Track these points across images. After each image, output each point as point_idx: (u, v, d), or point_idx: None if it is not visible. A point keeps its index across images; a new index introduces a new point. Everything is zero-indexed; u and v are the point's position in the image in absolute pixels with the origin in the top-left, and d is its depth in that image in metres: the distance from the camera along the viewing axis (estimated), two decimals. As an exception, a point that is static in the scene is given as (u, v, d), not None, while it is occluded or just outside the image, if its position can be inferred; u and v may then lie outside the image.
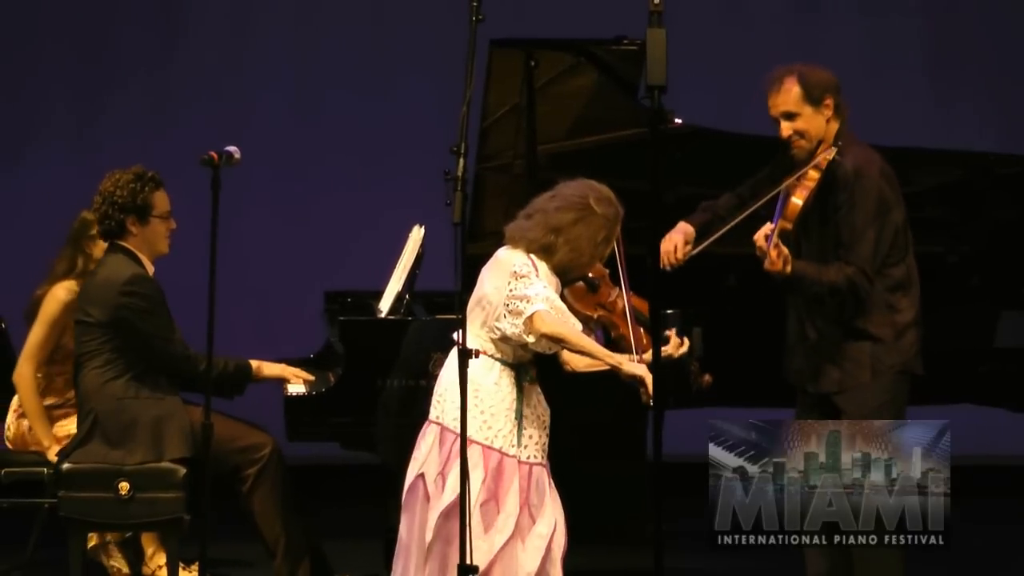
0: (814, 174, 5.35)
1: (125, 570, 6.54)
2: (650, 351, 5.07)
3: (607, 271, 5.29)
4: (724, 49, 9.35)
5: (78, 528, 5.75)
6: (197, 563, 5.89)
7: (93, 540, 6.38)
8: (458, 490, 4.92)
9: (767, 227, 5.24)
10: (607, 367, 5.06)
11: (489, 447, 5.03)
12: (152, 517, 5.73)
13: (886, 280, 5.41)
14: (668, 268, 5.46)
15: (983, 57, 9.61)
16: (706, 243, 5.46)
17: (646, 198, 4.65)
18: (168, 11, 9.56)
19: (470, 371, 4.98)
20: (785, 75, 5.44)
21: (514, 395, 5.08)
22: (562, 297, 5.13)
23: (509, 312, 5.01)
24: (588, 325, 5.21)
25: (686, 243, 5.51)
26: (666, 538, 4.44)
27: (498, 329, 5.05)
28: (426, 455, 5.06)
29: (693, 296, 5.54)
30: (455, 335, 4.83)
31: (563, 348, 5.07)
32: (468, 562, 4.71)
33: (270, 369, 5.98)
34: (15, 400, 6.41)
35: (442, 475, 5.00)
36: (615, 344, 5.18)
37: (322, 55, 9.55)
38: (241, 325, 8.21)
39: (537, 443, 5.11)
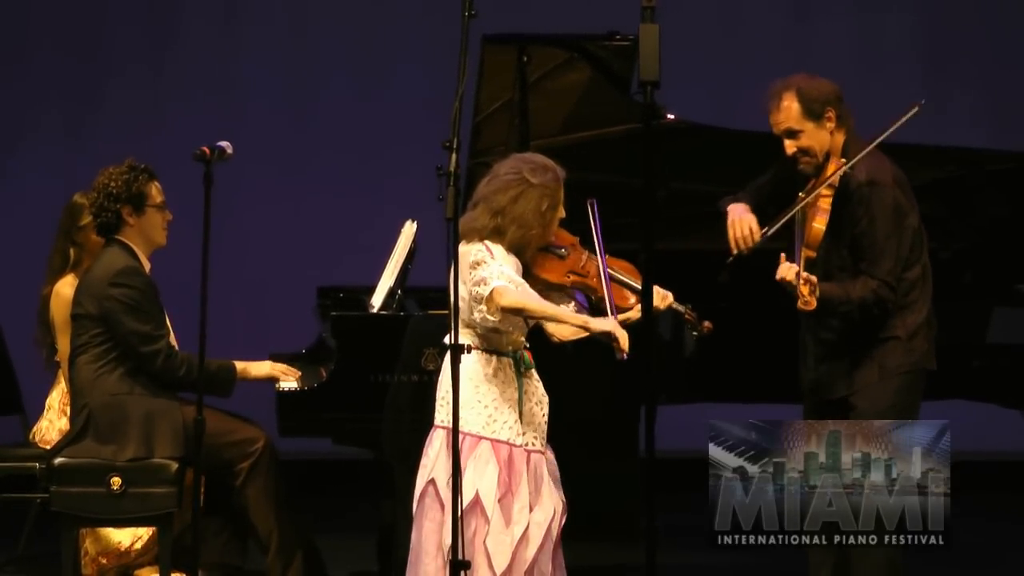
0: (828, 192, 5.24)
1: None
2: (632, 309, 5.12)
3: (577, 238, 5.29)
4: (718, 44, 9.34)
5: (70, 523, 5.74)
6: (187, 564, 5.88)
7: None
8: (477, 485, 4.94)
9: (789, 266, 5.14)
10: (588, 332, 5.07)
11: (497, 440, 5.03)
12: (144, 512, 5.72)
13: (903, 284, 5.37)
14: (745, 251, 5.39)
15: (976, 54, 9.62)
16: (777, 225, 5.32)
17: (639, 194, 4.64)
18: (161, 7, 9.55)
19: (469, 368, 5.02)
20: (783, 91, 5.34)
21: (514, 384, 5.09)
22: (528, 270, 5.14)
23: (475, 301, 5.02)
24: (565, 293, 5.21)
25: (751, 233, 5.40)
26: (660, 534, 4.44)
27: (476, 322, 5.06)
28: (434, 460, 5.04)
29: (688, 293, 5.53)
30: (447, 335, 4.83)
31: (526, 317, 5.06)
32: (461, 557, 4.72)
33: (257, 370, 5.95)
34: (54, 399, 6.38)
35: None
36: (596, 308, 5.19)
37: (315, 51, 9.55)
38: (234, 320, 8.22)
39: (536, 430, 5.12)
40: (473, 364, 5.04)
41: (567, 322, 5.08)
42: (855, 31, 9.60)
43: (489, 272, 4.98)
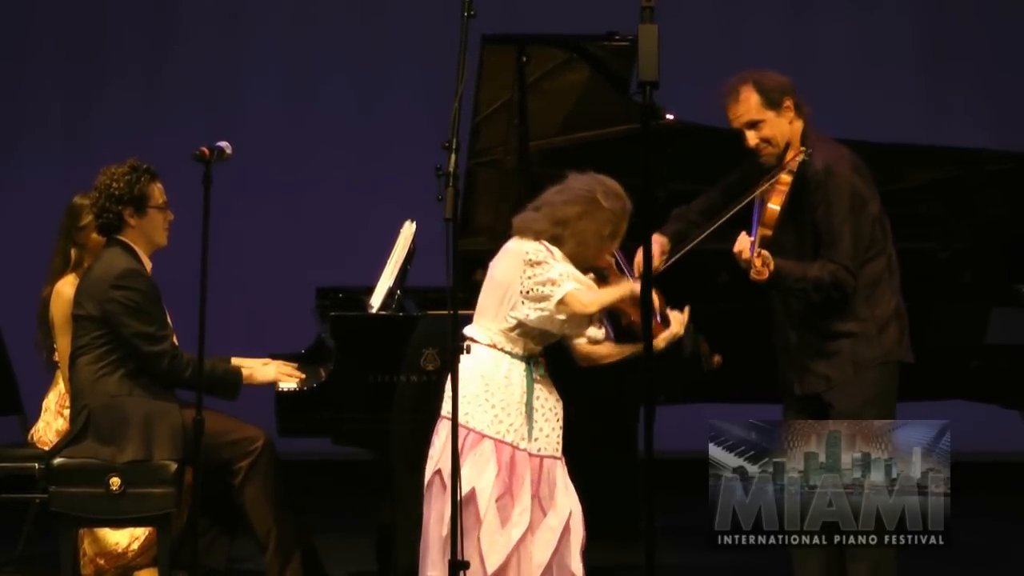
0: (787, 178, 5.35)
1: None
2: (658, 337, 5.17)
3: (613, 260, 5.33)
4: (717, 44, 9.34)
5: (69, 523, 5.74)
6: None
7: None
8: (473, 482, 4.95)
9: (745, 238, 5.25)
10: (627, 353, 5.20)
11: (501, 441, 5.05)
12: (143, 512, 5.72)
13: (866, 277, 5.41)
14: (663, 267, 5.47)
15: (976, 54, 9.62)
16: (682, 252, 5.46)
17: (638, 194, 4.64)
18: (161, 8, 9.55)
19: (481, 365, 5.04)
20: (740, 85, 5.44)
21: (524, 388, 5.10)
22: None
23: (529, 299, 5.04)
24: (598, 315, 5.25)
25: (661, 254, 5.52)
26: (660, 534, 4.43)
27: (513, 318, 5.07)
28: (441, 451, 5.06)
29: (686, 293, 5.53)
30: (463, 330, 4.85)
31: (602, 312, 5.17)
32: (460, 557, 4.71)
33: (263, 375, 5.95)
34: (51, 401, 6.38)
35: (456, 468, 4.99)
36: (627, 331, 5.24)
37: (314, 51, 9.55)
38: (233, 320, 8.21)
39: (549, 436, 5.13)
40: (485, 362, 5.06)
41: (624, 295, 5.15)
42: (855, 31, 9.60)
43: (556, 273, 5.04)
